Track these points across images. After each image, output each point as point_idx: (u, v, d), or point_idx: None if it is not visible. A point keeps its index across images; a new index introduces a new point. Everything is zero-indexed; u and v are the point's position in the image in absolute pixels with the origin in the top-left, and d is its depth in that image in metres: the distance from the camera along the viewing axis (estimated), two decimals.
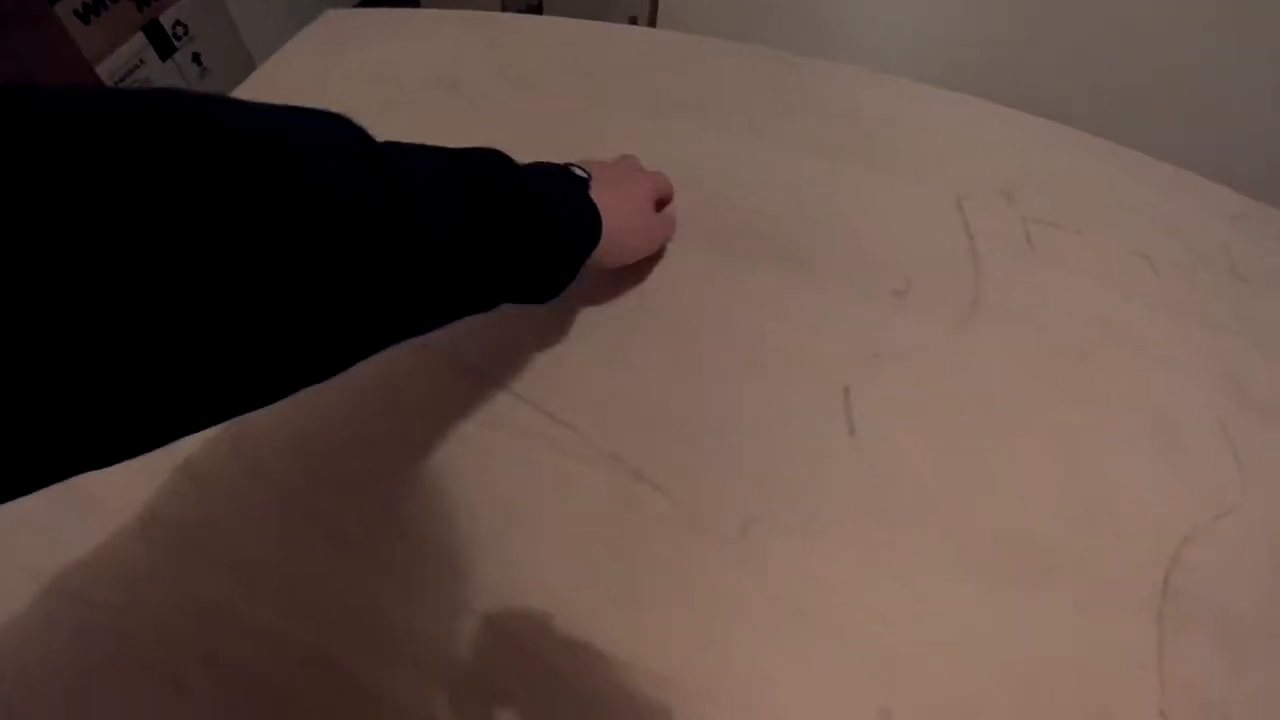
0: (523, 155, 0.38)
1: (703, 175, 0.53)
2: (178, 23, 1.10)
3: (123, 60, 1.03)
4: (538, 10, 1.35)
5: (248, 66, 1.26)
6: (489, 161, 0.35)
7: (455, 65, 0.64)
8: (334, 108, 0.28)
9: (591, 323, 0.46)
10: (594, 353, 0.44)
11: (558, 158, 0.42)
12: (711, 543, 0.37)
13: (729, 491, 0.39)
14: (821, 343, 0.44)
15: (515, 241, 0.34)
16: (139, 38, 1.05)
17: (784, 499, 0.39)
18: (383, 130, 0.29)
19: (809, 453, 0.40)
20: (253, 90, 0.65)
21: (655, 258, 0.49)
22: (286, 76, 0.66)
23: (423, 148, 0.32)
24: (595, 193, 0.41)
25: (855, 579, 0.37)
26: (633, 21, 1.26)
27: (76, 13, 0.97)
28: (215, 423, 0.24)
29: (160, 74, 1.10)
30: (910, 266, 0.48)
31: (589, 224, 0.39)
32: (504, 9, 1.36)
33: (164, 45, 1.09)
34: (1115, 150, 0.60)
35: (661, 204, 0.50)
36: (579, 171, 0.42)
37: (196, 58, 1.15)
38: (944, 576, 0.37)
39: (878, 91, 0.60)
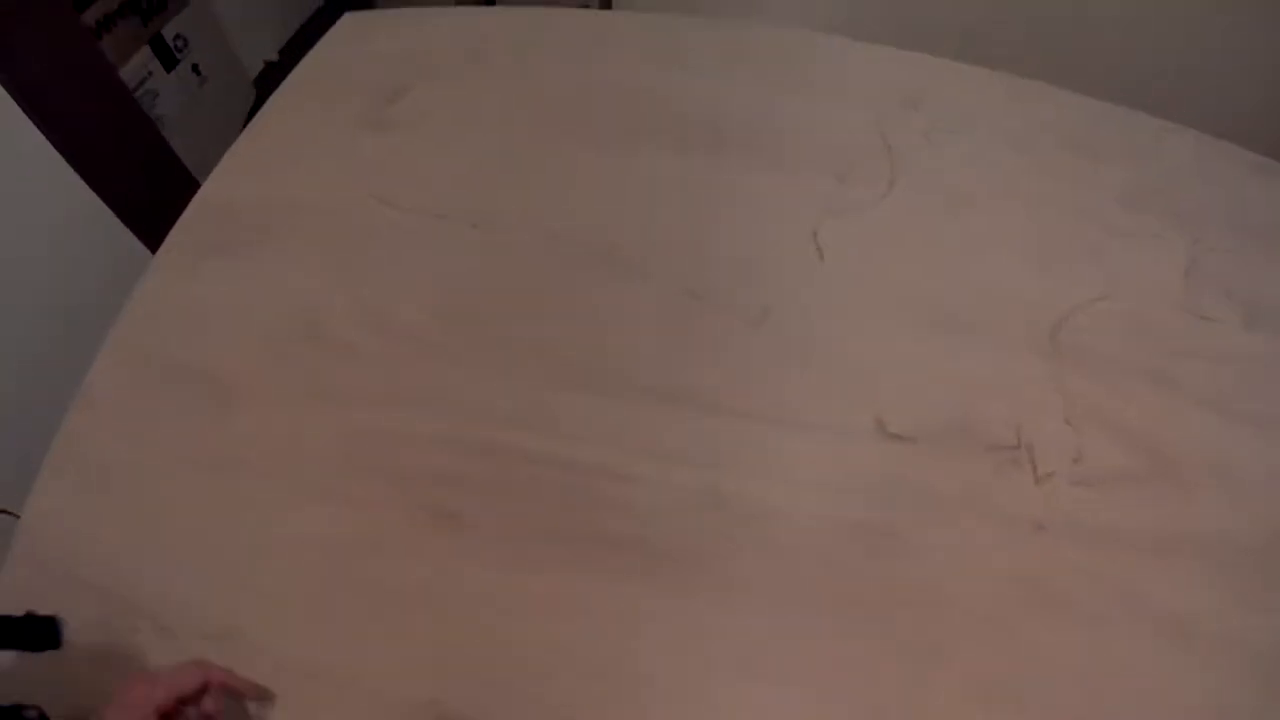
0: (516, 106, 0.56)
1: (676, 108, 0.71)
2: (178, 35, 1.22)
3: (133, 72, 1.15)
4: (490, 2, 1.52)
5: (238, 72, 1.39)
6: None
7: (472, 44, 0.80)
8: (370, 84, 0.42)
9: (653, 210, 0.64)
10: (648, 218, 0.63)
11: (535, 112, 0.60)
12: (742, 323, 0.56)
13: (751, 294, 0.58)
14: (793, 207, 0.63)
15: None
16: (145, 51, 1.17)
17: (786, 295, 0.58)
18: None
19: (799, 269, 0.60)
20: (305, 74, 0.79)
21: None
22: (326, 65, 0.81)
23: None
24: None
25: (839, 341, 0.56)
26: (584, 5, 1.44)
27: (91, 29, 1.09)
28: None
29: (165, 84, 1.22)
30: (846, 159, 0.67)
31: None
32: (458, 2, 1.52)
33: (168, 58, 1.22)
34: (990, 74, 0.79)
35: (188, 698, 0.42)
36: None
37: (195, 68, 1.27)
38: (896, 333, 0.56)
39: (806, 44, 0.80)
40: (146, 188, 0.88)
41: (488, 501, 0.50)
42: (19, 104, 0.82)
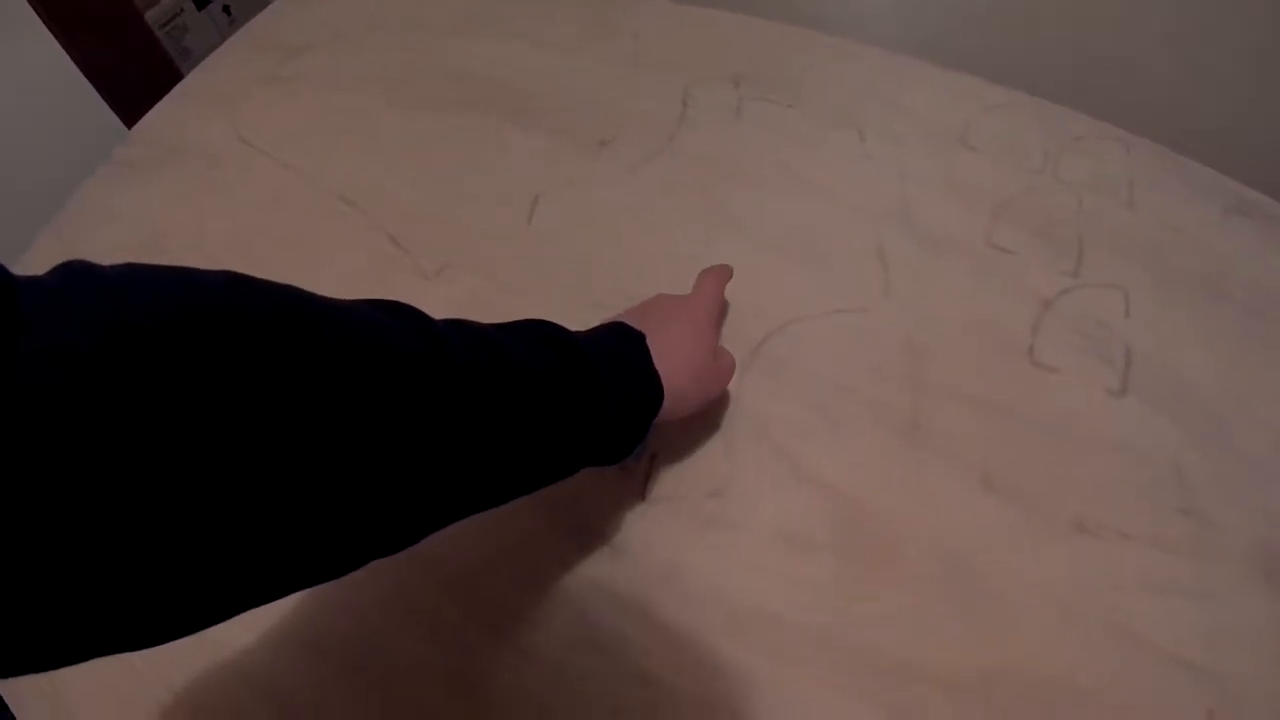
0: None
1: (509, 80, 0.83)
2: None
3: (165, 10, 1.40)
4: None
5: None
6: (553, 341, 0.37)
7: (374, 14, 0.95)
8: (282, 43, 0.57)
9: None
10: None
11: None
12: (418, 275, 0.69)
13: (441, 250, 0.70)
14: (537, 169, 0.74)
15: (582, 419, 0.36)
16: None
17: (467, 254, 0.69)
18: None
19: (500, 229, 0.70)
20: (251, 28, 0.98)
21: None
22: (267, 23, 0.99)
23: (475, 325, 0.34)
24: (654, 349, 0.42)
25: (481, 303, 0.67)
26: None
27: None
28: (292, 591, 0.27)
29: (195, 22, 1.47)
30: (621, 126, 0.77)
31: (651, 396, 0.41)
32: None
33: None
34: (858, 49, 0.80)
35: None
36: (632, 329, 0.43)
37: (226, 8, 1.51)
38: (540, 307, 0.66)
39: (646, 13, 0.88)
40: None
41: None
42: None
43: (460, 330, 0.33)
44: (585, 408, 0.37)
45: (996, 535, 0.53)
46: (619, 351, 0.41)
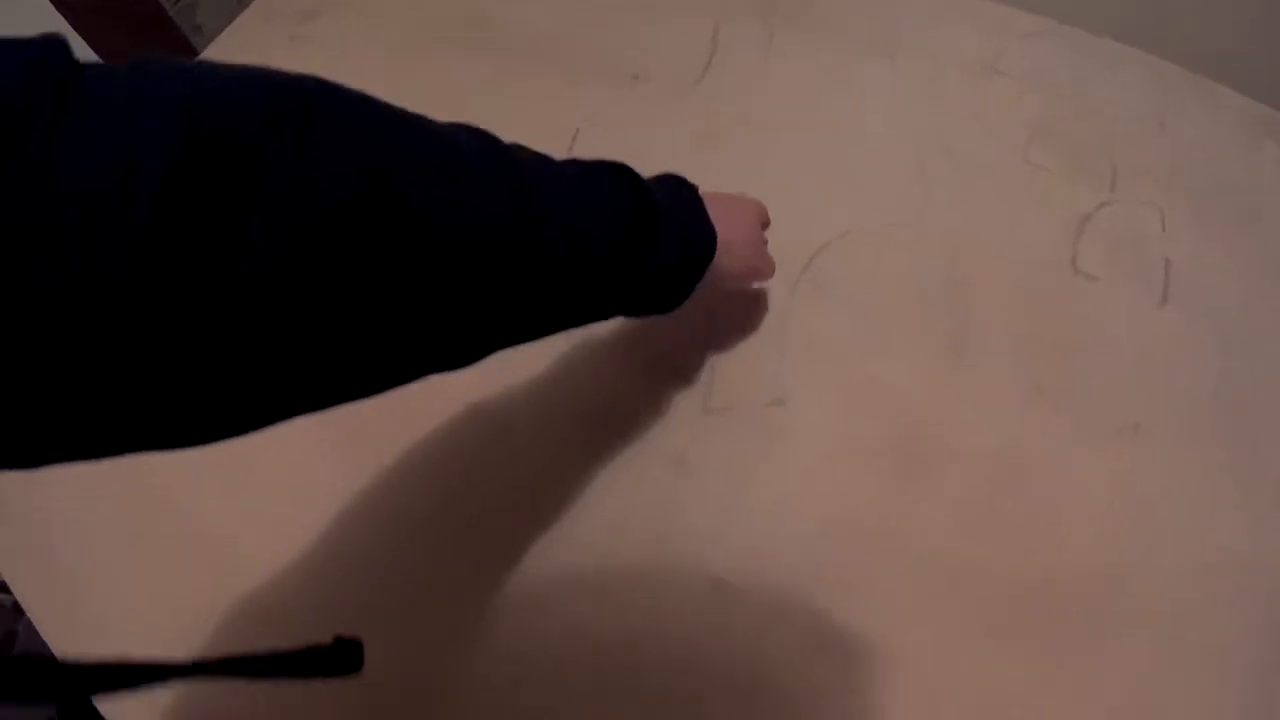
0: None
1: (527, 21, 0.82)
2: None
3: None
4: None
5: None
6: (617, 173, 0.38)
7: None
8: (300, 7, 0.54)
9: None
10: None
11: None
12: None
13: None
14: (576, 107, 0.73)
15: (644, 253, 0.36)
16: None
17: None
18: None
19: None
20: None
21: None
22: None
23: (548, 158, 0.35)
24: (708, 205, 0.43)
25: None
26: None
27: None
28: (333, 405, 0.27)
29: None
30: (652, 61, 0.76)
31: (707, 240, 0.42)
32: None
33: None
34: None
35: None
36: (688, 181, 0.44)
37: None
38: None
39: None
40: None
41: None
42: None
43: (529, 153, 0.34)
44: (645, 231, 0.37)
45: (1049, 441, 0.54)
46: (677, 192, 0.42)
